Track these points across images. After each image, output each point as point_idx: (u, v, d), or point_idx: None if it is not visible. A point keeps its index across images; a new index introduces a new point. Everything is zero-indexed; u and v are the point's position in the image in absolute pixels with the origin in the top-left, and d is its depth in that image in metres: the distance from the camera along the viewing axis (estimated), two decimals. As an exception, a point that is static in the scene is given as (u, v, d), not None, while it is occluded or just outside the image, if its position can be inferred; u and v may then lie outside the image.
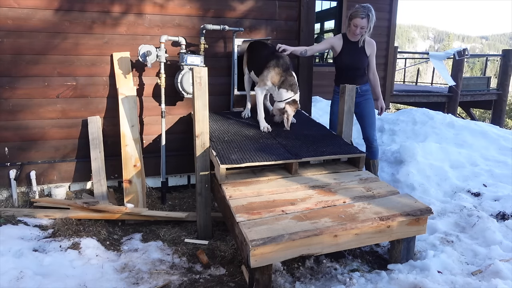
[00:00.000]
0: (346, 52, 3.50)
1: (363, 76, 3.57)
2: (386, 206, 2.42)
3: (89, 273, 2.45)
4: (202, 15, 3.85)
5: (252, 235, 2.02)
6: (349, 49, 3.49)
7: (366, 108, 3.62)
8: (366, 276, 2.39)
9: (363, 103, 3.60)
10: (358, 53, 3.48)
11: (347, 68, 3.54)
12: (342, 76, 3.57)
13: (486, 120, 14.39)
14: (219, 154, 2.80)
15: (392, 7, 7.72)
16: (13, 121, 3.44)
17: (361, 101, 3.58)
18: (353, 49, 3.48)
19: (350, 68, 3.52)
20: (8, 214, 3.11)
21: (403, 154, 4.14)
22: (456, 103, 9.32)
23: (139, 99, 3.80)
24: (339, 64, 3.57)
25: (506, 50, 10.32)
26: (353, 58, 3.49)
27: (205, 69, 2.79)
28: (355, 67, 3.51)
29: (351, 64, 3.51)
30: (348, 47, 3.49)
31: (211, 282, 2.47)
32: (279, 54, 3.32)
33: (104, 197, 3.49)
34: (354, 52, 3.48)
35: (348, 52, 3.49)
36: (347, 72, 3.54)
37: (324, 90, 6.67)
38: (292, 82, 3.22)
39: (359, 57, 3.49)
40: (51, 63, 3.47)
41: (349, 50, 3.49)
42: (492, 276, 2.26)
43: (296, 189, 2.66)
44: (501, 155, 4.31)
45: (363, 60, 3.50)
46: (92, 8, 3.50)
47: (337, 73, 3.65)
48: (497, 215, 3.09)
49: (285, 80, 3.21)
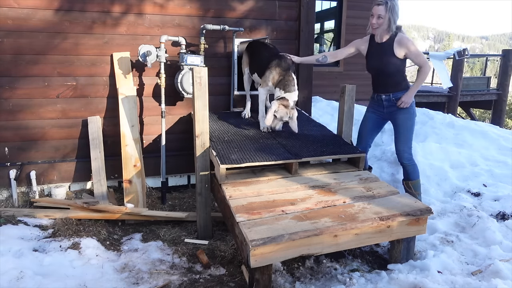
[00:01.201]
0: (371, 55, 3.12)
1: (397, 82, 3.09)
2: (386, 206, 2.42)
3: (89, 273, 2.45)
4: (202, 15, 3.85)
5: (252, 235, 2.02)
6: (374, 51, 3.09)
7: (399, 120, 3.14)
8: (366, 276, 2.39)
9: (396, 113, 3.13)
10: (384, 55, 3.02)
11: (375, 73, 3.15)
12: (373, 82, 3.21)
13: (486, 120, 14.39)
14: (219, 154, 2.80)
15: (392, 7, 7.73)
16: (13, 121, 3.44)
17: (394, 111, 3.13)
18: (379, 51, 3.05)
19: (378, 73, 3.12)
20: (8, 214, 3.11)
21: (403, 154, 4.13)
22: (456, 103, 9.32)
23: (139, 99, 3.80)
24: (367, 69, 3.20)
25: (506, 50, 10.32)
26: (378, 61, 3.06)
27: (205, 69, 2.79)
28: (383, 72, 3.08)
29: (378, 69, 3.09)
30: (373, 48, 3.10)
31: (211, 282, 2.47)
32: (280, 55, 3.33)
33: (104, 197, 3.49)
34: (379, 54, 3.05)
35: (373, 54, 3.10)
36: (377, 78, 3.15)
37: (324, 90, 6.68)
38: (287, 81, 3.18)
39: (387, 60, 3.01)
40: (51, 63, 3.47)
41: (374, 52, 3.09)
42: (492, 276, 2.26)
43: (296, 189, 2.66)
44: (501, 155, 4.31)
45: (391, 63, 3.01)
46: (92, 8, 3.50)
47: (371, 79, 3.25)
48: (497, 215, 3.09)
49: (282, 79, 3.22)
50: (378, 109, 3.23)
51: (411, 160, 3.19)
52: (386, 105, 3.15)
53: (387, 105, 3.15)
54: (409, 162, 3.18)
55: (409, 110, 3.11)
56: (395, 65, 3.02)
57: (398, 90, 3.08)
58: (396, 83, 3.08)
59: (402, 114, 3.11)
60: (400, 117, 3.12)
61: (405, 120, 3.12)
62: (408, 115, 3.11)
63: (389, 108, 3.14)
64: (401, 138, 3.16)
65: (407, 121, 3.12)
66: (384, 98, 3.14)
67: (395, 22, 2.92)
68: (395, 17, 2.91)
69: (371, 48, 3.13)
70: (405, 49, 2.97)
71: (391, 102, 3.11)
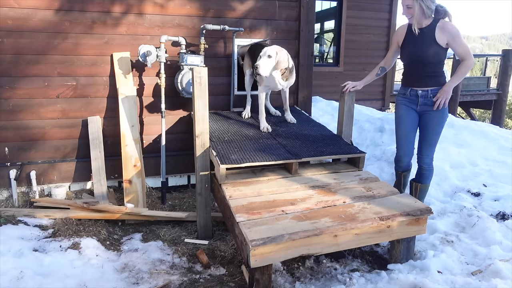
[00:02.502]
0: (407, 43, 2.79)
1: (437, 75, 2.73)
2: (386, 206, 2.42)
3: (89, 273, 2.45)
4: (202, 15, 3.85)
5: (252, 235, 2.02)
6: (411, 38, 2.75)
7: (431, 123, 2.81)
8: (366, 276, 2.39)
9: (430, 114, 2.79)
10: (424, 41, 2.68)
11: (409, 63, 2.82)
12: (407, 75, 2.88)
13: (486, 120, 14.39)
14: (219, 154, 2.80)
15: (392, 7, 7.72)
16: (14, 121, 3.44)
17: (428, 111, 2.79)
18: (418, 38, 2.71)
19: (413, 63, 2.78)
20: (8, 214, 3.11)
21: (403, 154, 4.13)
22: (456, 103, 9.31)
23: (139, 99, 3.80)
24: (401, 59, 2.88)
25: (506, 50, 10.31)
26: (416, 48, 2.71)
27: (205, 69, 2.80)
28: (419, 61, 2.73)
29: (414, 57, 2.75)
30: (411, 36, 2.75)
31: (211, 282, 2.47)
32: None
33: (104, 197, 3.49)
34: (418, 40, 2.71)
35: (410, 41, 2.76)
36: (412, 69, 2.80)
37: (324, 90, 6.68)
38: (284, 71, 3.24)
39: (426, 46, 2.67)
40: (51, 63, 3.47)
41: (412, 39, 2.75)
42: (492, 276, 2.26)
43: (296, 189, 2.66)
44: (501, 155, 4.31)
45: (431, 51, 2.66)
46: (93, 8, 3.50)
47: (404, 70, 2.95)
48: (497, 215, 3.09)
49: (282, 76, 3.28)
50: (411, 106, 2.87)
51: (431, 165, 2.95)
52: (422, 102, 2.80)
53: (422, 103, 2.79)
54: (429, 166, 2.94)
55: (443, 113, 2.78)
56: (436, 53, 2.67)
57: (437, 85, 2.73)
58: (435, 75, 2.73)
59: (435, 117, 2.78)
60: (433, 119, 2.79)
61: (437, 124, 2.80)
62: (441, 118, 2.79)
63: (424, 107, 2.80)
64: (427, 141, 2.87)
65: (438, 126, 2.81)
66: (420, 94, 2.78)
67: (429, 7, 2.61)
68: (427, 3, 2.59)
69: (408, 36, 2.79)
70: (448, 36, 2.63)
71: (427, 100, 2.76)
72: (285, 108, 3.68)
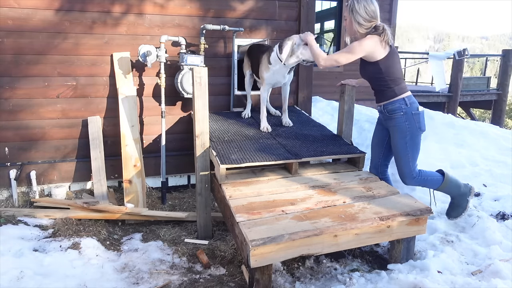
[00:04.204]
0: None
1: (379, 90, 2.68)
2: (386, 206, 2.42)
3: (89, 273, 2.45)
4: (202, 15, 3.85)
5: (252, 235, 2.02)
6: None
7: (391, 136, 2.74)
8: (366, 276, 2.39)
9: (390, 129, 2.73)
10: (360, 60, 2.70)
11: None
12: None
13: (486, 120, 14.40)
14: (219, 154, 2.80)
15: (392, 7, 7.73)
16: (14, 121, 3.44)
17: (389, 126, 2.73)
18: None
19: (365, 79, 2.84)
20: (8, 214, 3.11)
21: (403, 154, 4.13)
22: (456, 103, 9.32)
23: (139, 99, 3.80)
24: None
25: (506, 50, 10.33)
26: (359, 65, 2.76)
27: (205, 69, 2.80)
28: (365, 78, 2.79)
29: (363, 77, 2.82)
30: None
31: (211, 282, 2.47)
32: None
33: (104, 197, 3.49)
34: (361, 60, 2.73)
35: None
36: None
37: (324, 90, 6.68)
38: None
39: (361, 65, 2.73)
40: (51, 63, 3.47)
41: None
42: (492, 276, 2.26)
43: (296, 189, 2.66)
44: (501, 155, 4.31)
45: (364, 68, 2.70)
46: (93, 8, 3.50)
47: None
48: (497, 215, 3.09)
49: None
50: (380, 120, 2.89)
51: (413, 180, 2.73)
52: (381, 117, 2.82)
53: (382, 117, 2.79)
54: (411, 182, 2.74)
55: (402, 129, 2.61)
56: (367, 70, 2.67)
57: (387, 99, 2.65)
58: (378, 91, 2.70)
59: (394, 133, 2.68)
60: (393, 134, 2.70)
61: (399, 139, 2.65)
62: (401, 134, 2.63)
63: (386, 122, 2.74)
64: (394, 155, 2.78)
65: (399, 141, 2.65)
66: (378, 110, 2.80)
67: (359, 22, 2.56)
68: (356, 17, 2.55)
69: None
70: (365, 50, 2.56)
71: (384, 115, 2.73)
72: (284, 108, 3.61)
